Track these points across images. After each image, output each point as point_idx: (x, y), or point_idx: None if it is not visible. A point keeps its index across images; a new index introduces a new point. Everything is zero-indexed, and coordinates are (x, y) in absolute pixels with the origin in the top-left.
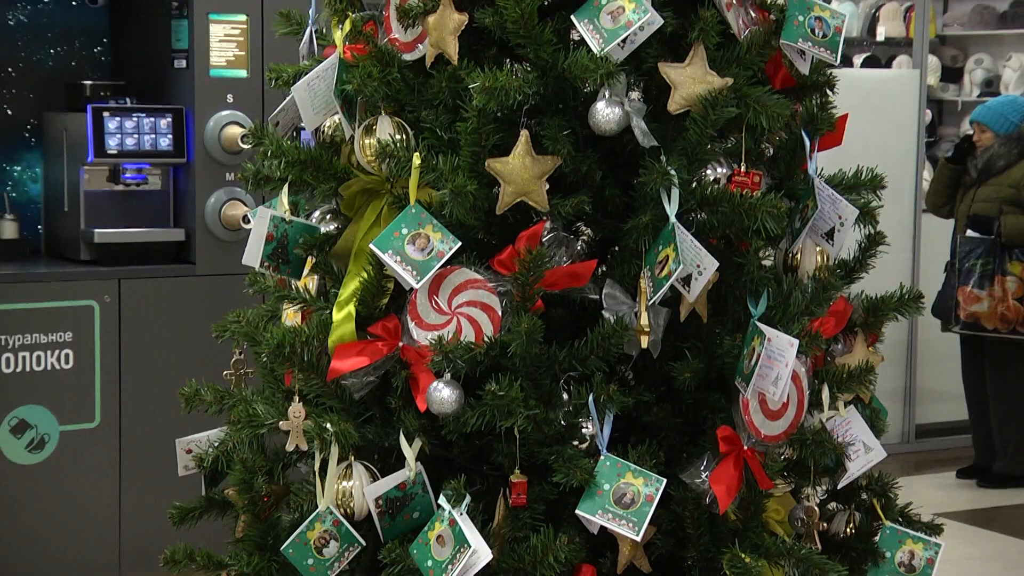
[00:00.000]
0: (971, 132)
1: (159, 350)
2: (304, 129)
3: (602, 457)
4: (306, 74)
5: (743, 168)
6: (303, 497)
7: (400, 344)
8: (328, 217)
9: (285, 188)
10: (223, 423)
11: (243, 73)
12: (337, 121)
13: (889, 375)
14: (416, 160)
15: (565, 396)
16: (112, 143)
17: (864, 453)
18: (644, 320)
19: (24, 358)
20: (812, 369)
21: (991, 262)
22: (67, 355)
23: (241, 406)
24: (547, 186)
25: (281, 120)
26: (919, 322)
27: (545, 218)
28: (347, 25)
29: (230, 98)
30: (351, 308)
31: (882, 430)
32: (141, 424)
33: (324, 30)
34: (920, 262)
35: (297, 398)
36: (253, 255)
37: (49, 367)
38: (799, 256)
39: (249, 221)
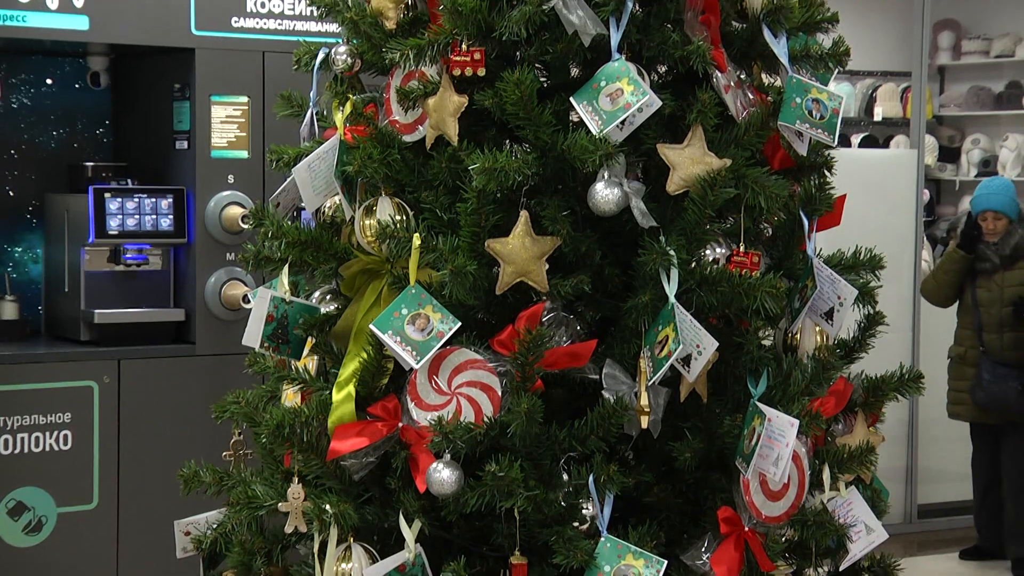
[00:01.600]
0: (964, 217)
1: (158, 431)
2: (305, 210)
3: (603, 538)
4: (307, 155)
5: (742, 248)
6: None
7: (400, 424)
8: (328, 297)
9: (285, 269)
10: (222, 504)
11: (244, 154)
12: (337, 202)
13: (890, 455)
14: (416, 241)
15: (565, 476)
16: (113, 224)
17: (866, 534)
18: (644, 400)
19: (23, 439)
20: (813, 449)
21: None
22: (66, 436)
23: (240, 487)
24: (547, 266)
25: (282, 201)
26: (920, 401)
27: (545, 298)
28: (348, 107)
29: (231, 179)
30: (351, 388)
31: (884, 511)
32: (139, 506)
33: (325, 112)
34: (920, 341)
35: (296, 479)
36: (253, 336)
37: (47, 448)
38: (799, 336)
39: (249, 301)
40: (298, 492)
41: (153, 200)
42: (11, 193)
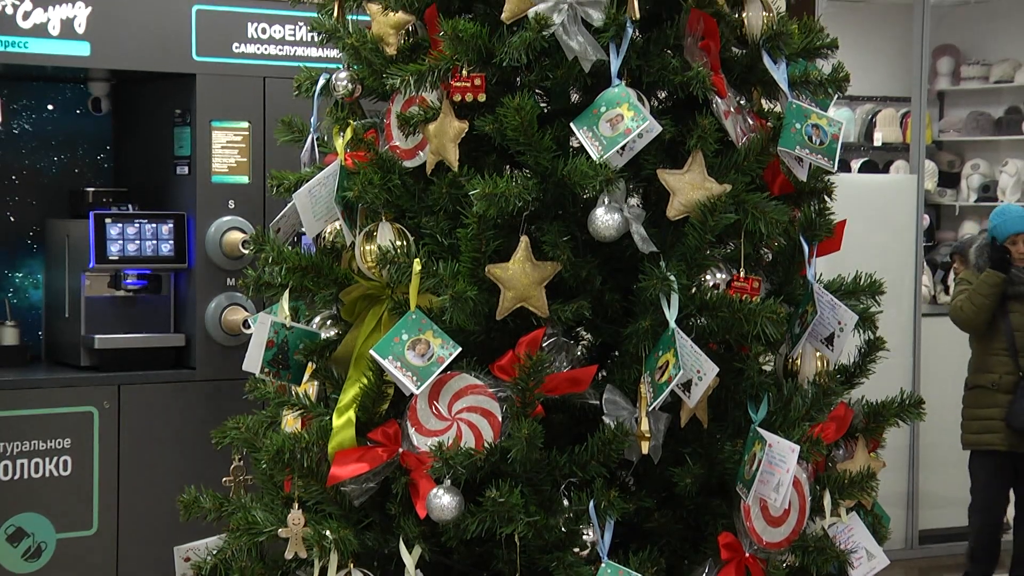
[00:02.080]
0: (978, 242)
1: (158, 456)
2: (305, 235)
3: (603, 564)
4: (308, 181)
5: (742, 273)
6: None
7: (400, 450)
8: (328, 323)
9: (286, 294)
10: (222, 530)
11: (244, 179)
12: (338, 227)
13: (891, 480)
14: (416, 266)
15: (566, 502)
16: (114, 249)
17: (867, 560)
18: (644, 425)
19: (22, 465)
20: (813, 475)
21: None
22: (65, 462)
23: (240, 513)
24: (547, 291)
25: (282, 226)
26: (921, 427)
27: (545, 323)
28: (348, 133)
29: (231, 204)
30: (351, 414)
31: (885, 536)
32: (139, 531)
33: (326, 138)
34: (921, 367)
35: (296, 505)
36: (253, 361)
37: (47, 474)
38: (799, 361)
39: (250, 327)
40: (298, 518)
41: (154, 225)
42: (12, 218)
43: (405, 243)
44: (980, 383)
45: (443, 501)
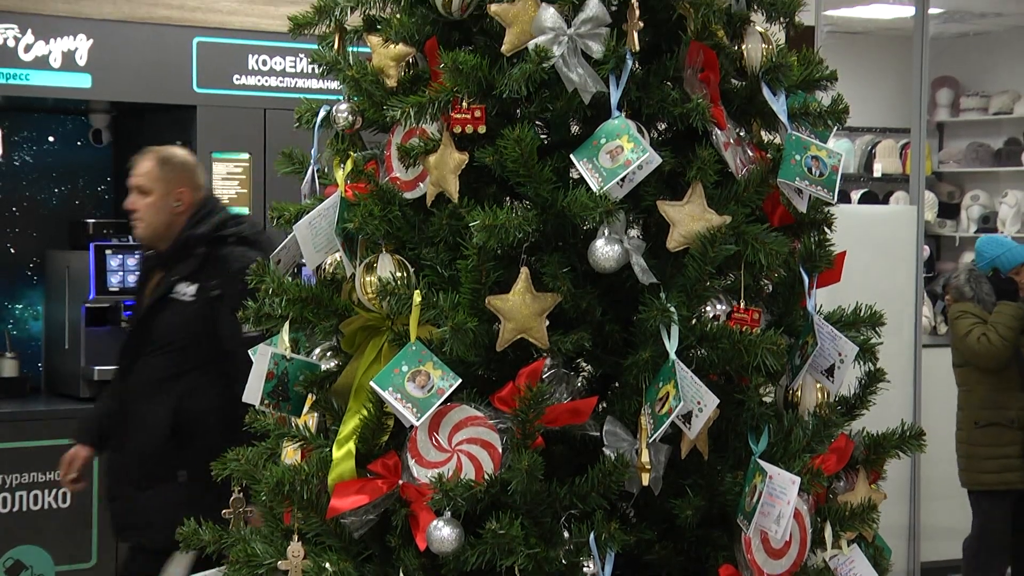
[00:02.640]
0: (969, 275)
1: None
2: (305, 267)
3: None
4: (308, 213)
5: (742, 305)
6: None
7: (400, 482)
8: (329, 354)
9: (286, 325)
10: (221, 563)
11: (245, 210)
12: (338, 259)
13: (892, 512)
14: (417, 297)
15: (566, 534)
16: (114, 280)
17: None
18: (645, 457)
19: (21, 497)
20: (814, 507)
21: None
22: (64, 494)
23: (240, 545)
24: (547, 323)
25: (283, 258)
26: (922, 458)
27: (545, 355)
28: (349, 164)
29: None
30: (351, 446)
31: (886, 569)
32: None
33: (326, 169)
34: (922, 398)
35: (296, 537)
36: (253, 393)
37: (46, 506)
38: (799, 393)
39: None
40: (298, 550)
41: None
42: (12, 250)
43: (405, 274)
44: (996, 420)
45: (443, 533)
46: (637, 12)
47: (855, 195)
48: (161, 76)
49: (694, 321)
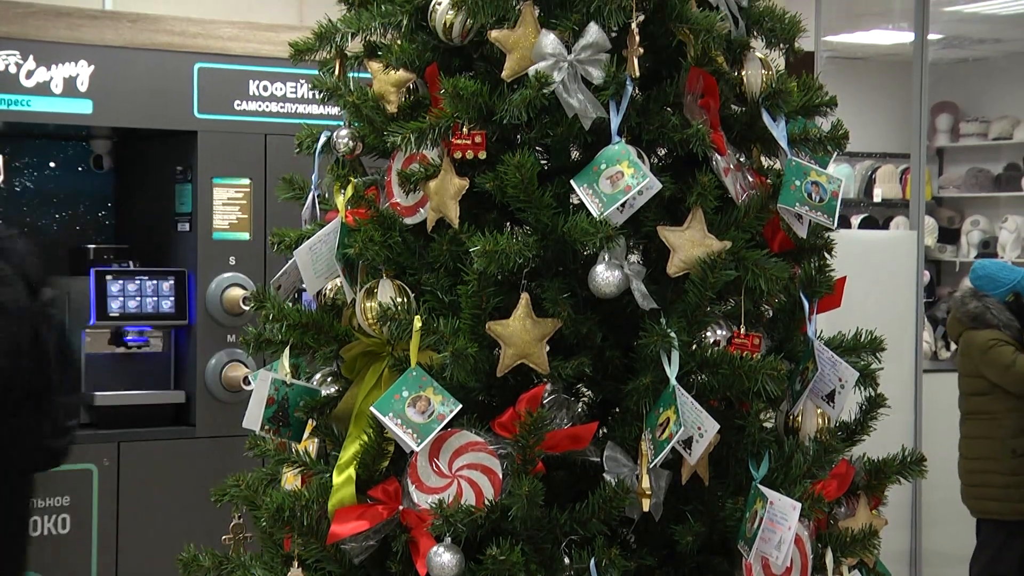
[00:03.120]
0: (980, 303)
1: (157, 514)
2: (306, 292)
3: None
4: (308, 238)
5: (743, 330)
6: None
7: (400, 508)
8: (329, 380)
9: (286, 351)
10: None
11: (246, 236)
12: (339, 284)
13: (894, 538)
14: (417, 323)
15: (567, 560)
16: (114, 306)
17: None
18: (645, 483)
19: None
20: (815, 533)
21: None
22: (64, 520)
23: (240, 572)
24: (547, 348)
25: (283, 283)
26: (923, 484)
27: (546, 380)
28: (349, 190)
29: (232, 261)
30: (351, 471)
31: None
32: None
33: (326, 195)
34: (923, 423)
35: (296, 563)
36: (254, 418)
37: (46, 532)
38: (800, 418)
39: (250, 383)
40: None
41: (154, 282)
42: None
43: (406, 300)
44: None
45: (444, 559)
46: (637, 38)
47: (855, 220)
48: (162, 102)
49: (694, 346)
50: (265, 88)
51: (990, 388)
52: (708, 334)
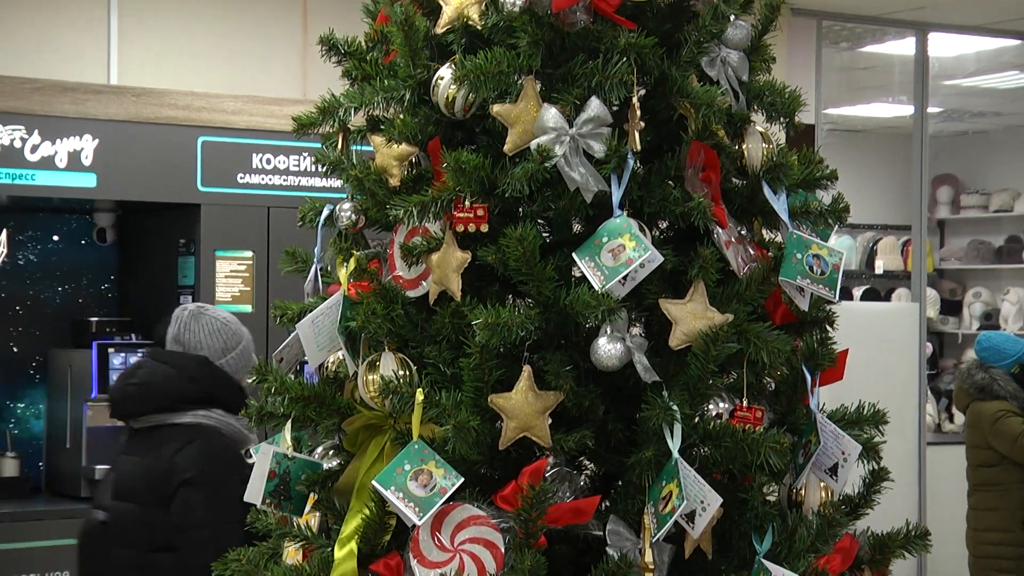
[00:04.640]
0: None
1: None
2: (308, 365)
3: None
4: (311, 311)
5: (745, 403)
6: None
7: None
8: (331, 453)
9: (288, 424)
10: None
11: (248, 308)
12: (341, 357)
13: None
14: (419, 396)
15: None
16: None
17: None
18: (648, 557)
19: None
20: None
21: None
22: None
23: None
24: (550, 421)
25: (285, 356)
26: (927, 558)
27: (548, 453)
28: (352, 263)
29: None
30: (353, 545)
31: None
32: None
33: (329, 268)
34: (927, 496)
35: None
36: (255, 492)
37: None
38: (803, 492)
39: (251, 457)
40: None
41: None
42: (15, 349)
43: (408, 373)
44: None
45: None
46: (638, 112)
47: (857, 292)
48: (166, 175)
49: (697, 419)
50: (268, 161)
51: (999, 459)
52: (711, 407)
